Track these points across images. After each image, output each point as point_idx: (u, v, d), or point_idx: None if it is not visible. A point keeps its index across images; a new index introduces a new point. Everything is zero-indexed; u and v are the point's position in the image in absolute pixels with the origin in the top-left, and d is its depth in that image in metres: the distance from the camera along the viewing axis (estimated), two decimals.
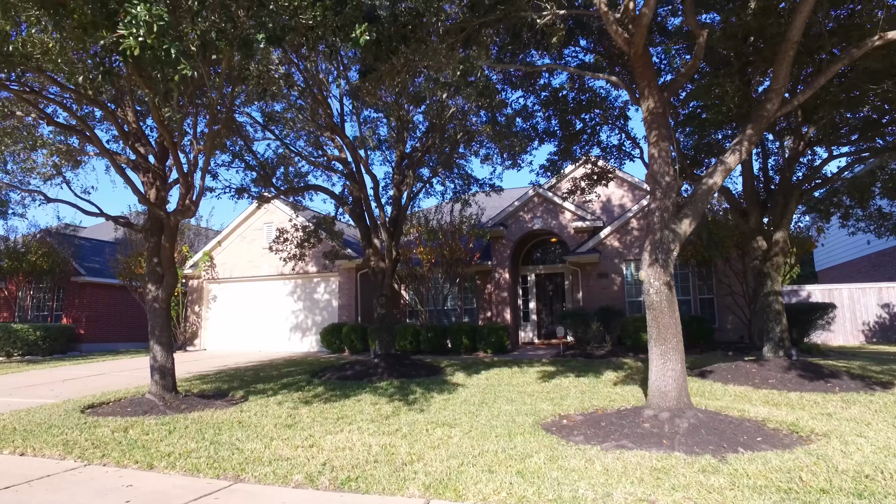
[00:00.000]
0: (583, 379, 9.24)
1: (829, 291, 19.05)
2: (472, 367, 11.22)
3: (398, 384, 9.20)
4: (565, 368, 10.66)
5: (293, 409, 7.35)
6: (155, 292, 7.68)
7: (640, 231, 16.97)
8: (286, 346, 18.67)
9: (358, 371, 10.28)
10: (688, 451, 4.64)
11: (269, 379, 10.29)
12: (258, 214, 19.83)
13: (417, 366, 10.81)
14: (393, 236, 11.12)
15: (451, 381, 9.58)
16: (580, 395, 7.81)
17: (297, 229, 14.51)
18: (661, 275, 5.53)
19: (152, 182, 7.83)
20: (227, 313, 19.84)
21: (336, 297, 18.41)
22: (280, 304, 19.15)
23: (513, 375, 9.96)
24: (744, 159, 9.22)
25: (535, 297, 19.64)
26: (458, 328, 15.24)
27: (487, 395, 7.97)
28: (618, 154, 11.60)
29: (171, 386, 7.68)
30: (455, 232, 16.92)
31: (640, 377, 9.27)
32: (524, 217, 18.40)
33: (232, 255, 19.87)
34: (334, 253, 15.71)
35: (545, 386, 8.75)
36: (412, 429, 6.02)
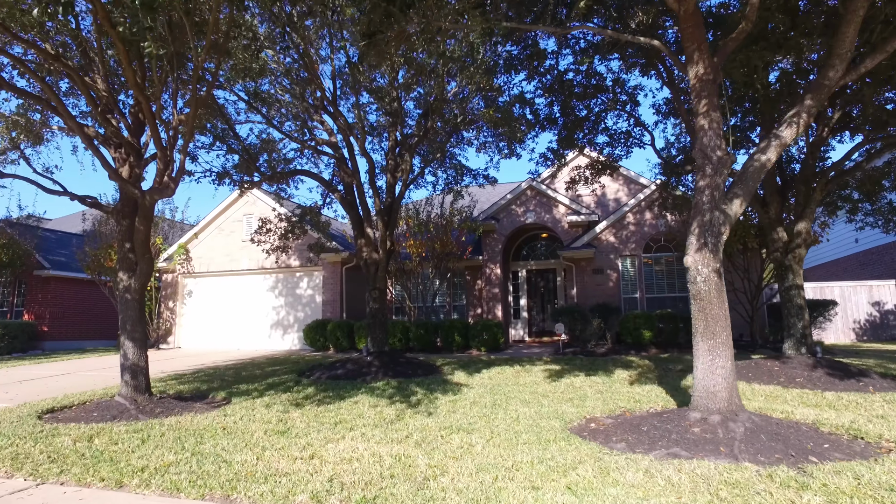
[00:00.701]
0: (594, 378, 8.63)
1: (820, 289, 18.87)
2: (471, 366, 10.54)
3: (396, 384, 8.47)
4: (571, 367, 10.05)
5: (283, 413, 6.56)
6: (127, 282, 6.80)
7: (637, 226, 16.51)
8: (267, 344, 17.73)
9: (350, 370, 9.51)
10: (755, 461, 4.02)
11: (253, 379, 9.45)
12: (237, 206, 18.83)
13: (413, 364, 10.08)
14: (388, 226, 10.36)
15: (453, 380, 8.88)
16: (598, 395, 7.19)
17: (282, 219, 13.64)
18: (711, 261, 4.92)
19: (125, 158, 6.95)
20: (203, 309, 18.80)
21: (320, 292, 17.54)
22: (260, 300, 18.20)
23: (517, 374, 9.31)
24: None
25: (526, 293, 19.06)
26: (450, 325, 14.53)
27: (497, 396, 7.29)
28: (625, 141, 11.02)
29: (144, 387, 6.82)
30: (446, 225, 16.22)
31: (653, 376, 8.71)
32: (517, 210, 17.79)
33: (209, 248, 18.83)
34: (319, 245, 14.87)
35: (556, 386, 8.11)
36: (424, 435, 5.30)
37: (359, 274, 18.53)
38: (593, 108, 11.22)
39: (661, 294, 16.22)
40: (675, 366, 9.81)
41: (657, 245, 16.49)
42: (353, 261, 17.40)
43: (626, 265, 16.60)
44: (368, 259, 10.43)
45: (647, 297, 16.23)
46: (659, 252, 16.44)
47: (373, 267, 10.44)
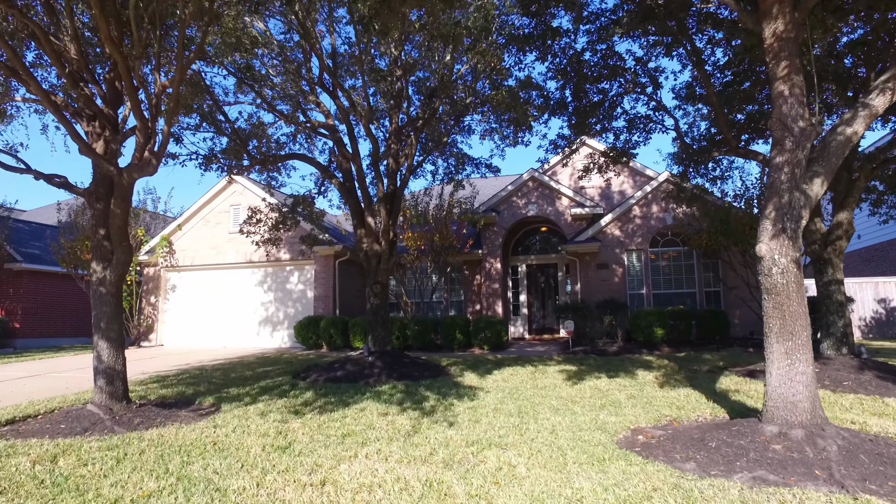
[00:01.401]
0: (618, 380, 7.94)
1: None
2: (479, 366, 9.80)
3: (403, 388, 7.69)
4: (587, 367, 9.36)
5: (282, 423, 5.76)
6: (101, 273, 5.93)
7: (643, 219, 15.88)
8: (255, 342, 16.83)
9: (351, 372, 8.71)
10: (867, 489, 3.33)
11: (243, 381, 8.61)
12: (224, 196, 17.86)
13: (418, 365, 9.31)
14: (390, 214, 9.55)
15: (464, 382, 8.13)
16: (632, 400, 6.49)
17: (273, 209, 12.76)
18: (789, 249, 4.21)
19: (100, 132, 6.06)
20: (187, 305, 17.82)
21: (311, 287, 16.68)
22: (248, 295, 17.28)
23: (533, 376, 8.58)
24: None
25: (525, 289, 18.36)
26: (450, 322, 13.78)
27: (521, 403, 6.56)
28: (644, 126, 10.31)
29: (121, 393, 5.97)
30: (446, 217, 15.45)
31: (681, 378, 8.04)
32: (518, 203, 17.07)
33: (193, 240, 17.85)
34: (312, 238, 14.01)
35: (580, 389, 7.40)
36: (451, 452, 4.54)
37: (353, 268, 17.71)
38: (609, 91, 10.51)
39: (668, 290, 15.63)
40: (700, 366, 9.16)
41: (664, 239, 15.88)
42: (347, 254, 16.56)
43: (631, 260, 15.98)
44: (369, 251, 9.63)
45: (654, 294, 15.63)
46: (666, 246, 15.83)
47: (374, 259, 9.64)
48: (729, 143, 8.54)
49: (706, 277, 15.46)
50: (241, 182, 17.49)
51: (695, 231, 14.35)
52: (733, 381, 7.51)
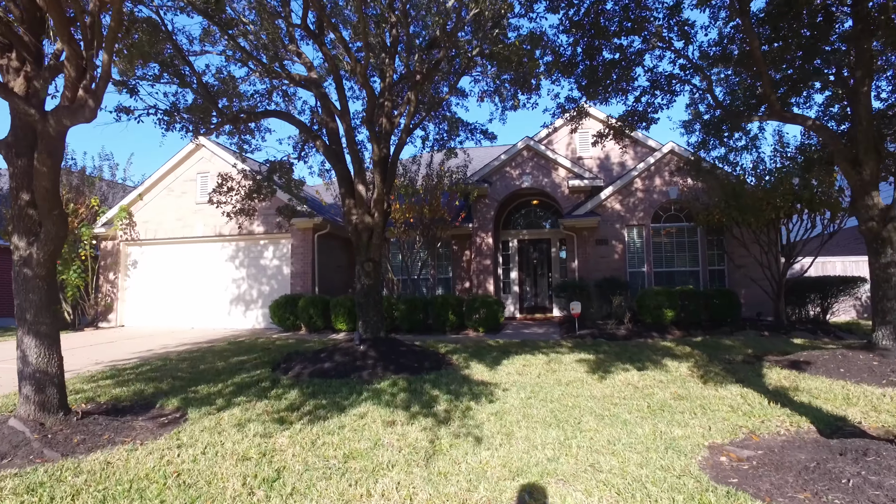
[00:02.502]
0: (650, 374, 6.97)
1: (822, 264, 17.89)
2: (483, 355, 8.76)
3: (404, 384, 6.57)
4: (605, 356, 8.40)
5: (265, 438, 4.60)
6: (26, 250, 4.59)
7: (645, 193, 14.93)
8: (226, 322, 15.47)
9: (340, 363, 7.55)
10: None
11: (215, 375, 7.36)
12: (190, 162, 16.22)
13: (416, 354, 8.20)
14: (385, 181, 8.28)
15: (474, 377, 7.06)
16: (682, 403, 5.50)
17: (247, 176, 11.33)
18: None
19: (18, 66, 4.64)
20: (150, 282, 16.28)
21: (288, 263, 15.33)
22: (218, 271, 15.83)
23: (550, 368, 7.56)
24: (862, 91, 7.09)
25: (517, 265, 17.33)
26: (442, 302, 12.68)
27: (553, 406, 5.51)
28: (668, 86, 9.19)
29: (55, 403, 4.69)
30: (436, 187, 14.22)
31: (719, 370, 7.13)
32: (511, 173, 15.91)
33: (157, 211, 16.22)
34: (290, 209, 12.63)
35: (613, 386, 6.40)
36: (495, 487, 3.46)
37: (333, 243, 16.38)
38: (628, 49, 9.34)
39: (670, 268, 14.81)
40: (731, 354, 8.28)
41: (667, 214, 14.99)
42: (328, 227, 15.23)
43: (632, 236, 15.06)
44: (359, 223, 8.38)
45: (656, 272, 14.79)
46: (669, 222, 14.95)
47: (365, 233, 8.40)
48: (772, 105, 7.49)
49: (710, 255, 14.67)
50: (210, 147, 15.88)
51: (703, 206, 13.47)
52: (782, 376, 6.61)
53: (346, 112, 8.12)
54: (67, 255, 14.72)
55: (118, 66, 8.23)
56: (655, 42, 8.84)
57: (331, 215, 15.84)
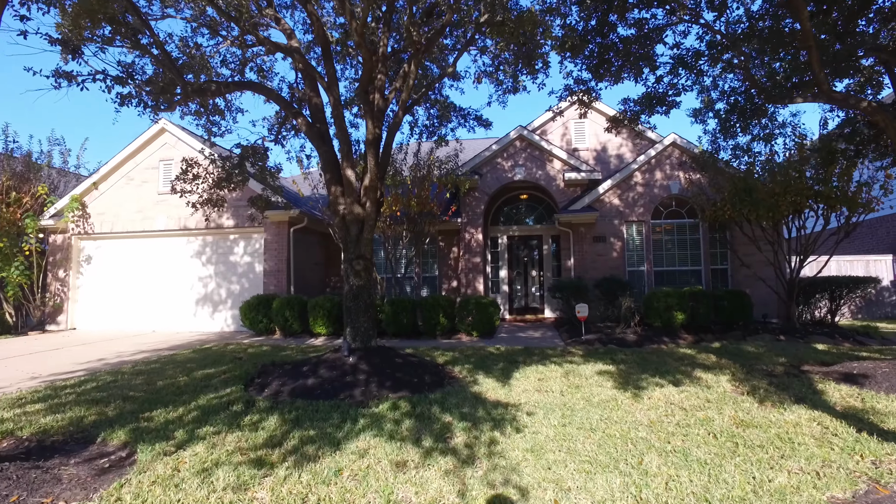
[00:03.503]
0: (692, 391, 6.02)
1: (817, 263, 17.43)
2: (488, 365, 7.71)
3: (407, 407, 5.47)
4: (627, 367, 7.44)
5: (239, 494, 3.46)
6: None
7: (645, 187, 14.10)
8: (191, 324, 14.07)
9: (326, 378, 6.39)
10: None
11: (175, 394, 6.12)
12: (152, 148, 14.72)
13: (413, 366, 7.09)
14: (379, 165, 7.12)
15: (487, 395, 6.00)
16: (752, 432, 4.54)
17: (215, 162, 10.02)
18: None
19: None
20: (106, 280, 14.74)
21: (260, 259, 14.01)
22: (183, 269, 14.40)
23: (571, 383, 6.55)
24: None
25: (506, 264, 16.35)
26: (432, 303, 11.58)
27: (599, 438, 4.48)
28: (694, 64, 8.26)
29: None
30: (425, 178, 13.10)
31: (764, 384, 6.22)
32: (503, 165, 14.90)
33: (114, 201, 14.69)
34: (264, 200, 11.33)
35: (655, 408, 5.41)
36: None
37: (310, 238, 15.12)
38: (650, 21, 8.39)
39: (671, 267, 14.02)
40: (764, 364, 7.40)
41: (667, 210, 14.19)
42: (304, 221, 13.97)
43: (631, 233, 14.21)
44: (348, 214, 7.22)
45: (656, 271, 13.98)
46: (670, 218, 14.16)
47: (354, 226, 7.24)
48: (820, 84, 6.62)
49: (712, 254, 13.92)
50: (174, 132, 14.43)
51: (708, 201, 12.70)
52: (843, 393, 5.73)
53: (333, 83, 6.93)
54: (8, 249, 13.12)
55: (61, 29, 6.94)
56: (682, 15, 7.90)
57: (307, 208, 14.57)
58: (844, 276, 12.37)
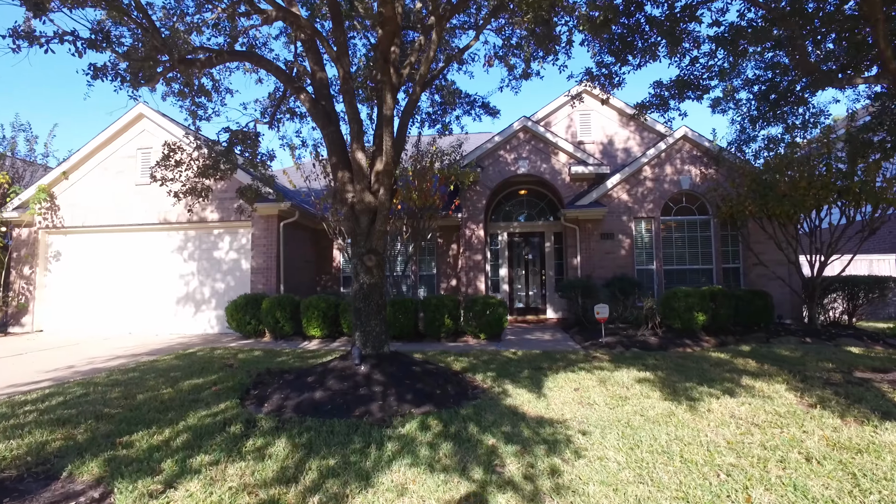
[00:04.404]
0: (754, 403, 5.31)
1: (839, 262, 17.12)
2: (510, 373, 6.94)
3: (438, 426, 4.65)
4: (666, 374, 6.71)
5: None
6: None
7: (655, 182, 13.47)
8: (172, 326, 13.02)
9: (336, 391, 5.53)
10: None
11: (159, 411, 5.19)
12: (129, 135, 13.61)
13: (431, 374, 6.27)
14: (395, 146, 6.27)
15: (524, 410, 5.20)
16: (861, 458, 3.83)
17: (200, 147, 9.06)
18: None
19: None
20: (77, 277, 13.60)
21: (248, 256, 13.03)
22: (163, 266, 13.33)
23: (610, 393, 5.79)
24: None
25: (507, 262, 15.59)
26: (437, 303, 10.77)
27: (679, 466, 3.73)
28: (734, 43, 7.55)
29: None
30: (427, 170, 12.26)
31: (830, 393, 5.54)
32: (506, 158, 14.13)
33: (86, 193, 13.55)
34: (253, 191, 10.37)
35: (720, 421, 4.68)
36: None
37: (301, 233, 14.18)
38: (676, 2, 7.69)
39: (681, 266, 13.41)
40: (812, 370, 6.74)
41: (678, 206, 13.58)
42: (295, 214, 13.03)
43: (640, 230, 13.57)
44: (358, 204, 6.36)
45: (666, 269, 13.36)
46: (680, 215, 13.54)
47: (365, 216, 6.39)
48: (887, 63, 5.98)
49: (724, 252, 13.35)
50: (153, 118, 13.36)
51: (722, 196, 12.13)
52: None
53: (343, 52, 6.06)
54: None
55: None
56: None
57: (299, 199, 13.64)
58: (865, 276, 11.89)
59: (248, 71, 9.51)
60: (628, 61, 8.78)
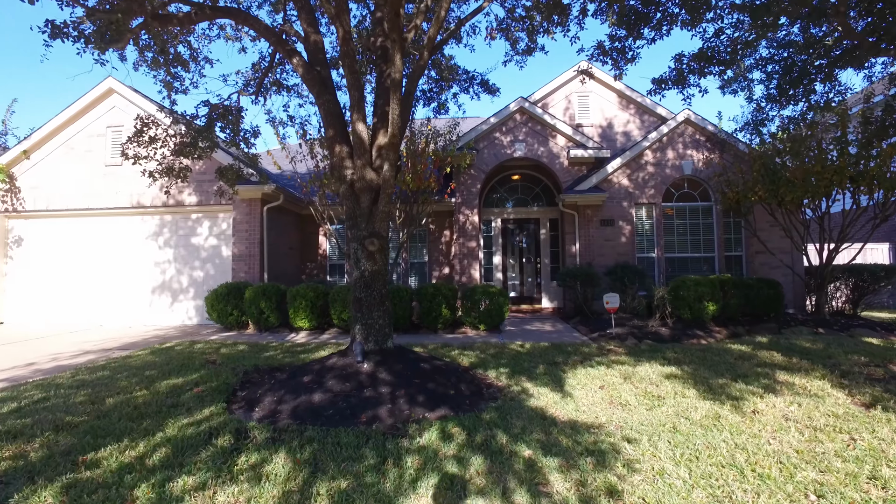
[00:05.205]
0: (802, 402, 4.80)
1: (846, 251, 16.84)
2: (524, 369, 6.35)
3: (461, 435, 4.03)
4: (692, 369, 6.19)
5: None
6: None
7: (657, 167, 12.97)
8: (147, 317, 12.15)
9: (337, 392, 4.87)
10: None
11: (132, 419, 4.47)
12: (98, 112, 12.61)
13: (440, 372, 5.64)
14: (402, 115, 5.57)
15: (551, 412, 4.61)
16: None
17: (178, 121, 8.23)
18: None
19: None
20: (42, 265, 12.62)
21: (229, 242, 12.20)
22: (136, 253, 12.42)
23: (640, 390, 5.23)
24: None
25: (500, 249, 14.99)
26: (433, 292, 10.13)
27: (759, 482, 3.17)
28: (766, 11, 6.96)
29: None
30: (422, 152, 11.54)
31: (880, 391, 5.05)
32: (501, 140, 13.49)
33: (51, 174, 12.53)
34: (235, 172, 9.56)
35: (776, 426, 4.16)
36: None
37: (285, 218, 13.38)
38: None
39: (682, 254, 12.96)
40: (847, 364, 6.28)
41: (679, 192, 13.11)
42: (280, 198, 12.24)
43: (640, 216, 13.08)
44: (358, 181, 5.67)
45: (667, 258, 12.91)
46: (682, 201, 13.08)
47: (366, 195, 5.69)
48: None
49: (726, 240, 12.93)
50: (124, 93, 12.38)
51: (728, 182, 11.69)
52: None
53: (343, 9, 5.31)
54: None
55: None
56: None
57: (285, 182, 12.83)
58: (871, 264, 11.59)
59: (231, 39, 8.68)
60: (643, 35, 8.19)
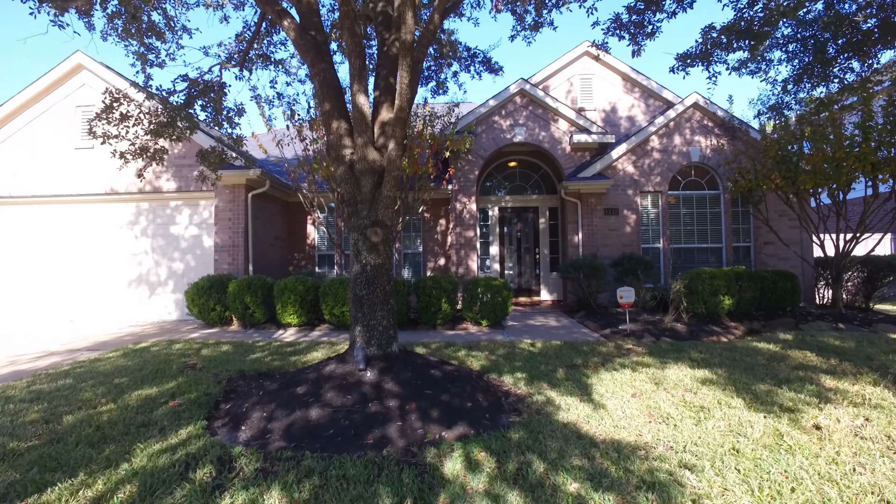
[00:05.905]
0: (871, 415, 4.24)
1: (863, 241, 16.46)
2: (542, 373, 5.73)
3: (492, 465, 3.38)
4: (728, 372, 5.61)
5: None
6: None
7: (663, 154, 12.39)
8: (122, 313, 11.33)
9: (338, 407, 4.19)
10: None
11: (92, 447, 3.75)
12: (66, 90, 11.65)
13: (452, 379, 4.98)
14: (412, 88, 4.85)
15: (585, 429, 3.98)
16: None
17: (153, 97, 7.41)
18: None
19: None
20: (6, 257, 11.70)
21: (210, 231, 11.39)
22: (109, 243, 11.56)
23: (678, 399, 4.63)
24: None
25: (498, 239, 14.35)
26: (431, 285, 9.48)
27: None
28: None
29: None
30: (420, 136, 10.81)
31: None
32: (501, 124, 12.80)
33: (13, 157, 11.58)
34: (218, 155, 8.75)
35: (857, 447, 3.58)
36: None
37: (270, 206, 12.57)
38: None
39: (689, 244, 12.44)
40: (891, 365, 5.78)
41: (686, 180, 12.55)
42: (265, 184, 11.44)
43: (646, 205, 12.51)
44: (359, 163, 4.95)
45: (673, 248, 12.37)
46: (689, 189, 12.53)
47: (368, 179, 4.99)
48: None
49: (734, 230, 12.42)
50: (95, 70, 11.45)
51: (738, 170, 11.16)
52: None
53: None
54: None
55: None
56: None
57: (272, 167, 12.02)
58: (888, 255, 11.18)
59: (211, 6, 7.84)
60: (663, 7, 7.54)
